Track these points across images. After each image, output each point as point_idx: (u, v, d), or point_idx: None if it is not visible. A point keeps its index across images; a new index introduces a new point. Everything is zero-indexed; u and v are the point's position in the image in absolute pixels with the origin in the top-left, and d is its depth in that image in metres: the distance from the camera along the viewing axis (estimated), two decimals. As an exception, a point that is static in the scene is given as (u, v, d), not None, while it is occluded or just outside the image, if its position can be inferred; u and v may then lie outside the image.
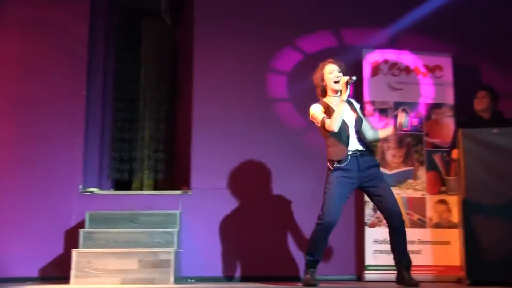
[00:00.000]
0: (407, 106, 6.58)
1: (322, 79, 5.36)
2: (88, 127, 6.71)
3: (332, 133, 5.18)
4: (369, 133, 5.37)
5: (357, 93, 6.65)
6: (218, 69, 6.74)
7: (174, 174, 7.17)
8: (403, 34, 6.83)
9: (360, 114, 5.38)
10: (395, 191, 6.25)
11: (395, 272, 5.23)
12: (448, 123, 6.54)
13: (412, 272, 5.19)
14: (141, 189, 7.09)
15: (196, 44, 6.80)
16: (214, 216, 6.43)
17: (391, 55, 6.70)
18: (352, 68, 6.70)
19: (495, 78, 6.72)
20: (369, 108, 6.55)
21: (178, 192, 6.60)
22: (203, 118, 6.63)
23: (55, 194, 6.40)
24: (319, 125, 5.28)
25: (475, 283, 5.44)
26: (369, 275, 6.21)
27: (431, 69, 6.68)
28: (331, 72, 5.33)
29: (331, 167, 5.21)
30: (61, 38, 6.70)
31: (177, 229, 6.03)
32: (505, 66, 6.84)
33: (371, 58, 6.67)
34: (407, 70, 6.68)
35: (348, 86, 5.11)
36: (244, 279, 6.32)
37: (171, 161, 7.21)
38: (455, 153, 5.99)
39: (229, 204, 6.45)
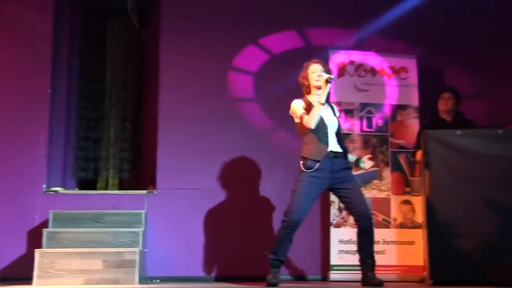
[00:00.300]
0: (373, 107, 6.63)
1: (306, 78, 5.42)
2: (53, 126, 6.63)
3: (311, 132, 5.21)
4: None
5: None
6: (185, 69, 6.72)
7: (139, 174, 7.14)
8: (369, 35, 6.88)
9: (339, 120, 5.44)
10: (360, 191, 6.33)
11: (360, 272, 5.26)
12: (413, 124, 6.60)
13: (376, 272, 5.23)
14: (106, 189, 7.04)
15: (162, 44, 6.78)
16: (180, 216, 6.41)
17: (357, 56, 6.73)
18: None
19: (458, 80, 6.81)
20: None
21: (144, 191, 6.56)
22: (169, 117, 6.60)
23: (18, 194, 6.31)
24: (298, 120, 5.32)
25: (438, 283, 5.49)
26: (334, 275, 6.23)
27: (396, 71, 6.73)
28: (314, 72, 5.38)
29: (303, 166, 5.22)
30: (25, 35, 6.61)
31: (142, 229, 5.99)
32: (468, 68, 6.93)
33: (337, 59, 6.69)
34: (373, 71, 6.72)
35: (328, 85, 5.14)
36: (210, 279, 6.31)
37: (136, 160, 7.18)
38: (419, 154, 6.04)
39: (195, 203, 6.43)
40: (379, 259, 6.07)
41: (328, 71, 5.39)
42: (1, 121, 6.43)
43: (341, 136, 5.35)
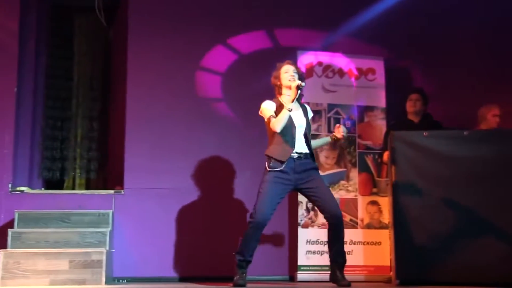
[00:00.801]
0: (340, 108, 6.67)
1: (278, 78, 5.41)
2: (19, 125, 6.55)
3: (278, 133, 5.20)
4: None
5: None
6: (152, 68, 6.70)
7: (107, 174, 7.09)
8: (338, 37, 6.91)
9: (310, 122, 5.43)
10: (328, 192, 6.35)
11: (328, 272, 5.28)
12: (380, 125, 6.66)
13: (344, 272, 5.26)
14: (73, 189, 6.97)
15: (130, 43, 6.73)
16: (147, 216, 6.38)
17: (325, 57, 6.77)
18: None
19: (425, 81, 6.88)
20: (303, 109, 6.60)
21: (111, 191, 6.51)
22: (137, 117, 6.57)
23: (-16, 194, 6.25)
24: (266, 121, 5.31)
25: (404, 282, 5.54)
26: (301, 276, 6.25)
27: (363, 72, 6.78)
28: (286, 72, 5.38)
29: (268, 166, 5.22)
30: (-10, 34, 6.55)
31: (109, 229, 5.95)
32: (435, 69, 7.00)
33: (305, 60, 6.72)
34: (341, 72, 6.76)
35: (298, 91, 5.14)
36: (178, 279, 6.29)
37: (104, 160, 7.13)
38: (386, 155, 6.09)
39: (163, 203, 6.41)
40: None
41: (301, 75, 5.41)
42: (-34, 119, 6.35)
43: (309, 138, 5.34)
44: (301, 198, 6.36)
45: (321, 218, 6.29)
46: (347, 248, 6.18)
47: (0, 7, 6.58)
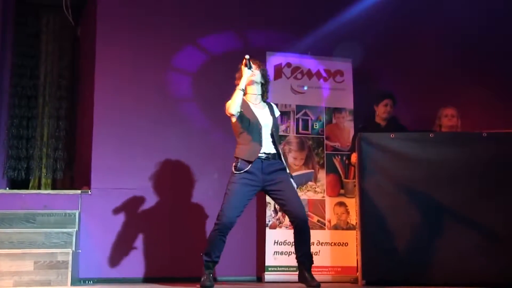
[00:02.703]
0: (308, 109, 6.69)
1: (239, 72, 5.38)
2: (-17, 124, 6.49)
3: (245, 132, 5.18)
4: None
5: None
6: (121, 67, 6.65)
7: (73, 174, 7.03)
8: (306, 38, 6.93)
9: (277, 121, 5.41)
10: (296, 193, 6.37)
11: (295, 273, 5.29)
12: (348, 127, 6.70)
13: (312, 272, 5.26)
14: (39, 189, 6.89)
15: (98, 42, 6.68)
16: (114, 216, 6.32)
17: (294, 59, 6.79)
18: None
19: (391, 83, 6.93)
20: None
21: (77, 191, 6.44)
22: (104, 116, 6.52)
23: None
24: (234, 120, 5.24)
25: (370, 283, 5.58)
26: (269, 276, 6.26)
27: (332, 74, 6.81)
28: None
29: (235, 168, 5.18)
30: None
31: (75, 229, 5.91)
32: (401, 72, 7.07)
33: (274, 61, 6.73)
34: (309, 74, 6.79)
35: (247, 70, 5.16)
36: (145, 280, 6.26)
37: (71, 160, 7.06)
38: (354, 157, 6.12)
39: (130, 204, 6.36)
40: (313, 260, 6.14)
41: (262, 70, 5.38)
42: None
43: (276, 137, 5.29)
44: (269, 199, 6.36)
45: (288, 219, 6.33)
46: (314, 248, 6.28)
47: (-37, 3, 6.50)
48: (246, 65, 5.17)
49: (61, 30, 7.34)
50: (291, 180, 5.25)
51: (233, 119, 5.21)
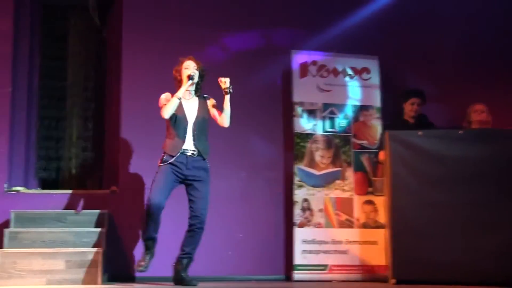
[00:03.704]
0: (335, 107, 6.68)
1: (179, 72, 5.62)
2: (13, 125, 6.53)
3: (172, 126, 5.48)
4: (219, 120, 5.60)
5: (286, 94, 6.73)
6: (147, 66, 6.67)
7: (102, 173, 7.07)
8: (332, 36, 6.91)
9: (211, 112, 5.61)
10: (324, 191, 6.39)
11: (324, 271, 5.33)
12: (375, 124, 6.67)
13: (339, 271, 5.28)
14: (69, 188, 6.94)
15: (124, 42, 6.72)
16: (143, 215, 6.34)
17: (320, 57, 6.78)
18: (282, 69, 6.82)
19: (419, 81, 6.88)
20: (297, 109, 6.61)
21: (106, 191, 6.51)
22: (132, 116, 6.55)
23: (-21, 194, 6.23)
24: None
25: (400, 282, 5.57)
26: (297, 275, 6.26)
27: (358, 72, 6.79)
28: (187, 68, 5.59)
29: (161, 161, 5.46)
30: (-16, 34, 6.52)
31: (105, 228, 5.95)
32: (429, 69, 7.02)
33: (300, 60, 6.73)
34: (335, 72, 6.77)
35: (189, 81, 5.48)
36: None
37: (99, 160, 7.11)
38: (381, 155, 6.11)
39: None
40: (342, 259, 6.18)
41: (201, 70, 5.61)
42: (-39, 120, 6.33)
43: (204, 133, 5.54)
44: (296, 198, 6.37)
45: (317, 218, 6.34)
46: (343, 247, 6.31)
47: (-7, 8, 6.57)
48: (190, 78, 5.48)
49: (87, 31, 7.40)
50: (208, 182, 5.54)
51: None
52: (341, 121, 6.65)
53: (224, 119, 5.54)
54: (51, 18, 7.33)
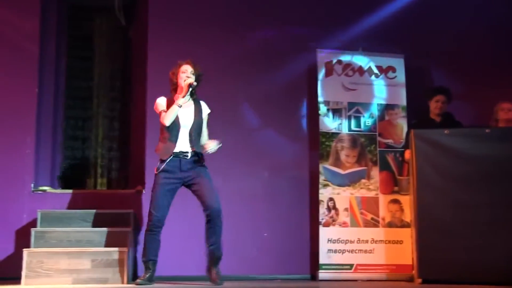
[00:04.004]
0: (361, 106, 6.65)
1: (175, 76, 5.60)
2: (40, 126, 6.61)
3: (165, 129, 5.45)
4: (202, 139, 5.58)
5: (311, 93, 6.72)
6: (171, 67, 6.65)
7: (128, 173, 7.10)
8: (357, 35, 6.89)
9: (204, 120, 5.58)
10: (349, 190, 6.37)
11: (349, 271, 5.29)
12: (401, 123, 6.63)
13: (365, 271, 5.25)
14: (94, 188, 7.00)
15: (150, 42, 6.76)
16: (168, 215, 6.36)
17: (345, 55, 6.76)
18: (307, 68, 6.80)
19: (445, 79, 6.82)
20: (323, 108, 6.59)
21: (132, 191, 6.54)
22: (157, 116, 6.55)
23: (6, 193, 6.28)
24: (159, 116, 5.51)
25: (426, 281, 5.53)
26: (323, 274, 6.25)
27: (383, 70, 6.76)
28: (184, 72, 5.57)
29: (156, 169, 5.44)
30: (12, 36, 6.57)
31: (130, 228, 5.98)
32: (455, 67, 6.94)
33: (325, 59, 6.72)
34: (361, 71, 6.74)
35: (190, 89, 5.45)
36: (198, 278, 6.26)
37: (125, 159, 7.15)
38: (407, 153, 6.06)
39: (183, 202, 6.38)
40: (367, 258, 6.15)
41: (198, 75, 5.57)
42: (-11, 120, 6.41)
43: (197, 136, 5.49)
44: (322, 197, 6.36)
45: (342, 217, 6.32)
46: (368, 246, 6.27)
47: (20, 9, 6.63)
48: (190, 86, 5.46)
49: (113, 31, 7.44)
50: (207, 172, 5.49)
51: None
52: (366, 120, 6.62)
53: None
54: (77, 18, 7.38)
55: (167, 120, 5.39)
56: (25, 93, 6.51)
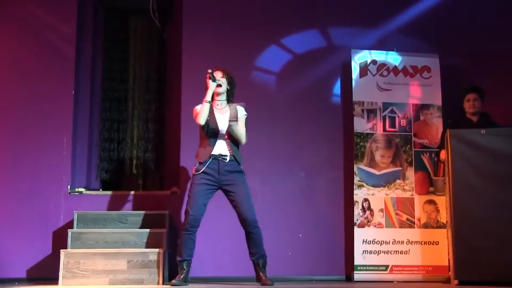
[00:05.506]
0: (395, 106, 6.61)
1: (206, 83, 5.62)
2: (76, 127, 6.69)
3: (204, 134, 5.54)
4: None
5: (345, 93, 6.70)
6: (207, 68, 6.69)
7: (163, 174, 7.15)
8: (392, 34, 6.87)
9: (240, 120, 5.58)
10: (384, 191, 6.33)
11: (385, 272, 5.27)
12: (436, 123, 6.57)
13: (401, 272, 5.20)
14: (130, 189, 7.05)
15: (184, 44, 6.80)
16: (204, 216, 6.38)
17: (379, 55, 6.72)
18: (342, 68, 6.77)
19: (481, 79, 6.72)
20: (357, 108, 6.56)
21: (167, 192, 6.59)
22: (192, 118, 6.58)
23: (44, 195, 6.38)
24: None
25: (463, 283, 5.48)
26: (358, 275, 6.23)
27: (418, 70, 6.70)
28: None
29: (194, 170, 5.52)
30: (49, 38, 6.68)
31: (165, 229, 6.02)
32: (491, 67, 6.85)
33: (360, 59, 6.69)
34: (395, 70, 6.70)
35: (212, 83, 5.49)
36: (232, 279, 6.29)
37: (160, 161, 7.20)
38: (443, 154, 6.01)
39: (219, 203, 6.40)
40: (403, 259, 6.12)
41: (229, 78, 5.65)
42: (26, 122, 6.50)
43: (235, 141, 5.55)
44: (356, 198, 6.34)
45: (377, 218, 6.29)
46: (404, 247, 6.24)
47: (57, 12, 6.73)
48: (210, 78, 5.50)
49: (148, 33, 7.50)
50: (244, 180, 5.56)
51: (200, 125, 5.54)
52: (401, 120, 6.57)
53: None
54: (113, 21, 7.45)
55: (200, 118, 5.47)
56: (62, 95, 6.60)
